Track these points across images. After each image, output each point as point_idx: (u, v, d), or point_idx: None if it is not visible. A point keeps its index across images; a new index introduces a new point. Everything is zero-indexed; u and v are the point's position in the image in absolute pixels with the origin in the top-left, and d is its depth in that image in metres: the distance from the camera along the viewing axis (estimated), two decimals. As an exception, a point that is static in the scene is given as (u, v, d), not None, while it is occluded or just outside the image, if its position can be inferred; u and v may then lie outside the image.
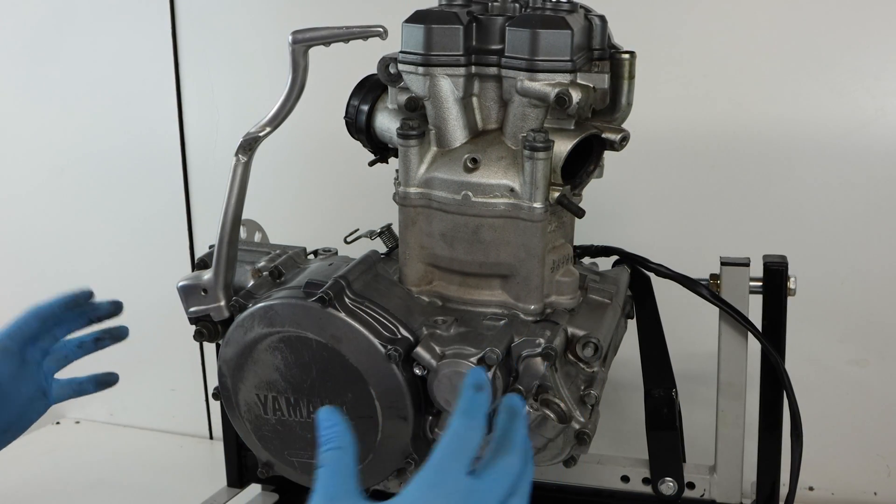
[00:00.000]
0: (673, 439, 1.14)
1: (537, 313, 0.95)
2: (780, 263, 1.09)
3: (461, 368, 0.86)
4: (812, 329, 1.37)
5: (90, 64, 1.68)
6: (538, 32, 0.89)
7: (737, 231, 1.40)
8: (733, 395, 1.12)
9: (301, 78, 0.96)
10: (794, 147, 1.36)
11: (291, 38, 0.94)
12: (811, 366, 1.39)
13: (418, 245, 0.98)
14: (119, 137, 1.69)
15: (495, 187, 0.92)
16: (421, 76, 0.93)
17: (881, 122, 1.32)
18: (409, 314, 0.94)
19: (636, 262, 1.14)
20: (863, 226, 1.36)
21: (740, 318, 1.09)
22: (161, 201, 1.69)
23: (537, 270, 0.94)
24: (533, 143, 0.89)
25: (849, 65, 1.33)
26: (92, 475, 1.60)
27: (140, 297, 1.71)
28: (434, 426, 0.92)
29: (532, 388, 0.88)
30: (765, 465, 1.13)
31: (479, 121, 0.96)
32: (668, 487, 1.15)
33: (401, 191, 0.96)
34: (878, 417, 1.41)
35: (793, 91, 1.35)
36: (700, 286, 1.10)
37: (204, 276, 1.01)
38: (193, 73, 1.63)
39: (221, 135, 1.62)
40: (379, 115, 1.02)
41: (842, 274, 1.38)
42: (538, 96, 0.90)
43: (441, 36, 0.91)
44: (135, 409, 1.80)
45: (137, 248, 1.72)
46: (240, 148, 0.97)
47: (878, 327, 1.38)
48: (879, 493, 1.44)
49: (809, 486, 1.45)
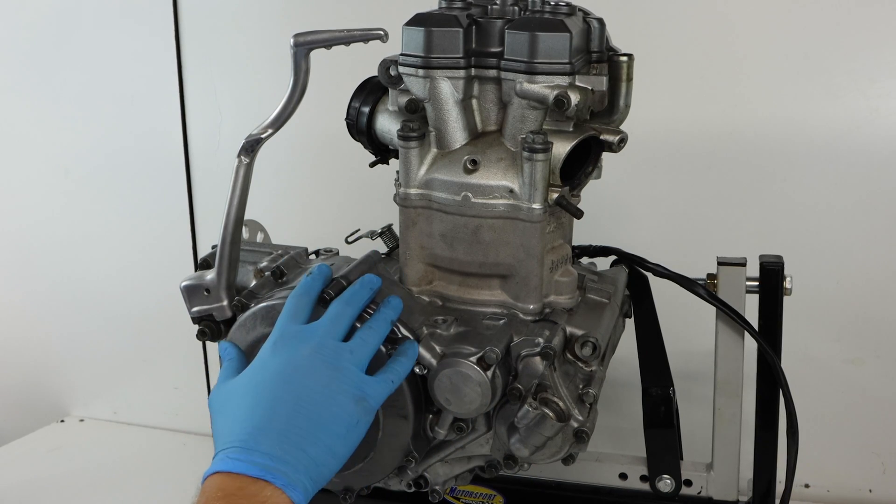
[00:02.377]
0: (670, 437, 1.14)
1: (536, 313, 0.95)
2: (777, 263, 1.09)
3: (461, 368, 0.87)
4: (808, 328, 1.38)
5: (94, 66, 1.68)
6: (537, 35, 0.90)
7: (733, 231, 1.41)
8: (730, 393, 1.13)
9: (303, 80, 0.96)
10: (790, 148, 1.37)
11: (293, 41, 0.95)
12: (807, 364, 1.39)
13: (418, 245, 0.98)
14: (123, 139, 1.70)
15: (495, 188, 0.93)
16: (421, 78, 0.94)
17: (876, 124, 1.33)
18: (410, 314, 0.94)
19: (634, 262, 1.14)
20: (858, 226, 1.37)
21: (737, 318, 1.09)
22: (164, 202, 1.70)
23: (536, 270, 0.94)
24: (532, 144, 0.90)
25: (844, 67, 1.33)
26: (96, 473, 1.61)
27: (144, 297, 1.73)
28: (434, 425, 0.92)
29: (531, 386, 0.88)
30: (761, 462, 1.13)
31: (478, 123, 0.97)
32: (665, 485, 1.15)
33: (401, 192, 0.97)
34: (873, 415, 1.42)
35: (788, 93, 1.36)
36: (697, 286, 1.11)
37: (207, 276, 1.01)
38: (196, 76, 1.63)
39: (224, 136, 1.63)
40: (380, 116, 1.03)
41: (837, 274, 1.38)
42: (537, 98, 0.91)
43: (441, 39, 0.92)
44: (138, 407, 1.81)
45: (141, 249, 1.73)
46: (242, 149, 0.98)
47: (873, 326, 1.39)
48: (875, 490, 1.44)
49: (805, 484, 1.45)
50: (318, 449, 0.79)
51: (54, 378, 1.88)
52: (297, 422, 0.79)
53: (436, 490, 0.99)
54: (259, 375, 0.83)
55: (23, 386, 1.91)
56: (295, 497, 0.75)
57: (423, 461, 0.96)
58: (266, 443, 0.77)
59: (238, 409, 0.81)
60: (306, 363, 0.83)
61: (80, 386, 1.87)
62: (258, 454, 0.76)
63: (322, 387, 0.81)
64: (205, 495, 0.75)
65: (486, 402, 0.88)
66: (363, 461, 0.93)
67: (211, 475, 0.76)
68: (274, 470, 0.75)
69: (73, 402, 1.88)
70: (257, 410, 0.79)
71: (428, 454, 0.96)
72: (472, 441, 0.95)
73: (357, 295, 0.90)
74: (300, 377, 0.82)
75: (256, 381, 0.83)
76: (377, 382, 0.85)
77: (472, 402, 0.88)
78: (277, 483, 0.75)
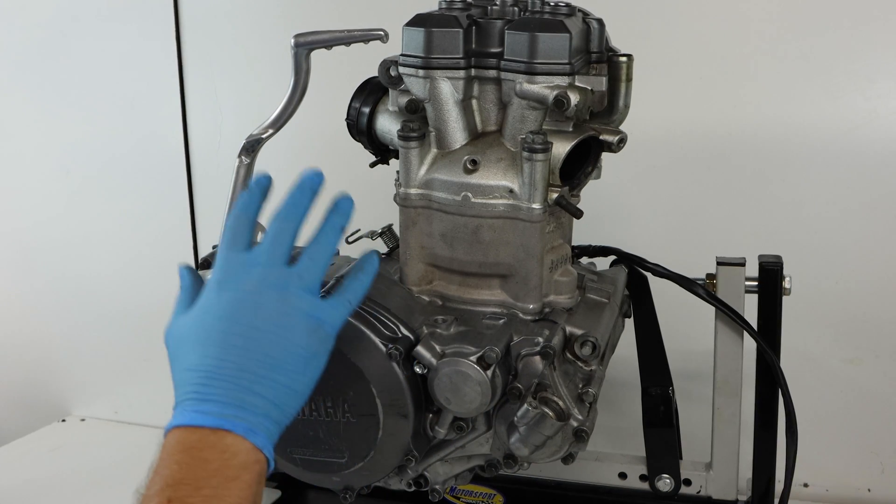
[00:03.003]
0: (670, 436, 1.15)
1: (536, 312, 0.96)
2: (776, 263, 1.10)
3: (461, 367, 0.87)
4: (807, 328, 1.38)
5: (95, 67, 1.69)
6: (537, 36, 0.90)
7: (733, 231, 1.41)
8: (729, 392, 1.13)
9: (303, 81, 0.96)
10: (788, 148, 1.37)
11: (294, 42, 0.95)
12: (806, 364, 1.39)
13: (419, 245, 0.99)
14: (124, 139, 1.70)
15: (494, 188, 0.93)
16: (421, 79, 0.94)
17: (874, 125, 1.33)
18: (410, 313, 0.94)
19: (634, 262, 1.15)
20: (857, 226, 1.37)
21: (736, 318, 1.10)
22: (165, 202, 1.70)
23: (536, 270, 0.95)
24: (532, 144, 0.90)
25: (843, 67, 1.34)
26: (97, 472, 1.61)
27: (145, 297, 1.73)
28: (434, 424, 0.93)
29: (531, 386, 0.89)
30: (760, 461, 1.13)
31: (478, 123, 0.97)
32: (664, 484, 1.16)
33: (401, 192, 0.97)
34: (871, 415, 1.42)
35: (787, 93, 1.36)
36: (696, 286, 1.11)
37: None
38: (197, 76, 1.64)
39: (225, 137, 1.63)
40: (380, 117, 1.03)
41: (836, 274, 1.39)
42: (537, 99, 0.91)
43: (441, 39, 0.92)
44: (140, 406, 1.81)
45: (142, 249, 1.73)
46: (243, 150, 0.98)
47: (872, 326, 1.39)
48: (873, 490, 1.44)
49: (804, 483, 1.45)
50: (275, 390, 0.75)
51: (55, 377, 1.88)
52: (248, 365, 0.75)
53: (436, 489, 0.99)
54: (206, 316, 0.78)
55: (24, 385, 1.91)
56: (257, 441, 0.73)
57: (423, 460, 0.96)
58: (220, 390, 0.74)
59: (189, 354, 0.77)
60: (251, 297, 0.77)
61: (82, 385, 1.87)
62: (213, 403, 0.73)
63: (271, 322, 0.76)
64: (165, 451, 0.73)
65: (486, 401, 0.88)
66: (363, 460, 0.93)
67: (171, 430, 0.74)
68: (232, 417, 0.73)
69: (74, 401, 1.88)
70: (207, 356, 0.76)
71: (428, 453, 0.96)
72: (471, 440, 0.95)
73: (296, 205, 0.82)
74: (247, 315, 0.76)
75: (204, 321, 0.78)
76: (332, 306, 0.80)
77: (472, 402, 0.88)
78: (238, 430, 0.73)
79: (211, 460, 0.71)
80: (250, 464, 0.73)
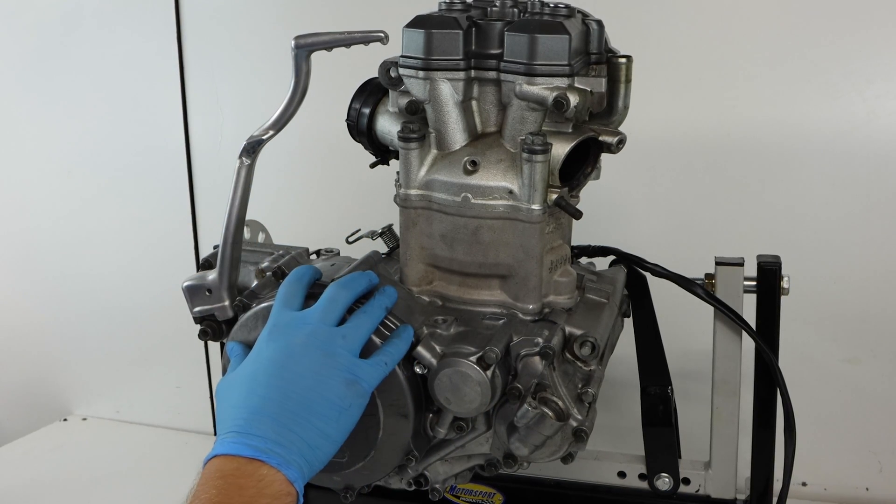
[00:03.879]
0: (668, 436, 1.15)
1: (535, 313, 0.96)
2: (774, 263, 1.10)
3: (461, 367, 0.88)
4: (805, 328, 1.39)
5: (97, 68, 1.69)
6: (536, 37, 0.90)
7: (731, 231, 1.42)
8: (728, 392, 1.13)
9: (303, 82, 0.96)
10: (787, 149, 1.37)
11: (294, 43, 0.95)
12: (804, 364, 1.40)
13: (419, 246, 0.99)
14: (125, 140, 1.70)
15: (494, 189, 0.93)
16: (421, 80, 0.94)
17: (872, 125, 1.34)
18: (410, 314, 0.94)
19: (633, 262, 1.15)
20: (855, 226, 1.37)
21: (734, 317, 1.10)
22: (166, 203, 1.70)
23: (535, 271, 0.95)
24: (531, 146, 0.90)
25: (841, 68, 1.34)
26: (98, 471, 1.61)
27: (145, 297, 1.74)
28: (434, 424, 0.93)
29: (530, 386, 0.89)
30: (759, 461, 1.14)
31: (478, 124, 0.97)
32: (663, 483, 1.16)
33: (401, 192, 0.98)
34: (869, 414, 1.43)
35: (786, 94, 1.36)
36: (695, 285, 1.11)
37: (208, 276, 1.01)
38: (198, 78, 1.64)
39: (225, 138, 1.63)
40: (380, 118, 1.03)
41: (835, 273, 1.39)
42: (536, 100, 0.91)
43: (441, 40, 0.92)
44: (141, 406, 1.82)
45: (143, 249, 1.73)
46: (243, 151, 0.98)
47: (870, 326, 1.40)
48: (871, 489, 1.45)
49: (803, 482, 1.46)
50: (310, 432, 0.81)
51: (57, 377, 1.88)
52: (288, 406, 0.82)
53: (436, 488, 1.00)
54: (255, 364, 0.86)
55: (25, 385, 1.92)
56: (290, 475, 0.79)
57: (423, 460, 0.97)
58: (261, 426, 0.80)
59: (236, 397, 0.84)
60: (299, 349, 0.85)
61: (83, 385, 1.87)
62: (253, 437, 0.80)
63: (313, 372, 0.84)
64: (204, 477, 0.78)
65: (486, 401, 0.88)
66: (364, 460, 0.93)
67: (210, 459, 0.80)
68: (268, 451, 0.79)
69: (75, 400, 1.89)
70: (253, 397, 0.83)
71: (428, 453, 0.97)
72: (471, 440, 0.95)
73: (354, 281, 0.92)
74: (293, 363, 0.84)
75: (253, 369, 0.86)
76: (370, 366, 0.87)
77: (472, 402, 0.88)
78: (272, 462, 0.78)
79: (247, 487, 0.77)
80: (282, 495, 0.78)
